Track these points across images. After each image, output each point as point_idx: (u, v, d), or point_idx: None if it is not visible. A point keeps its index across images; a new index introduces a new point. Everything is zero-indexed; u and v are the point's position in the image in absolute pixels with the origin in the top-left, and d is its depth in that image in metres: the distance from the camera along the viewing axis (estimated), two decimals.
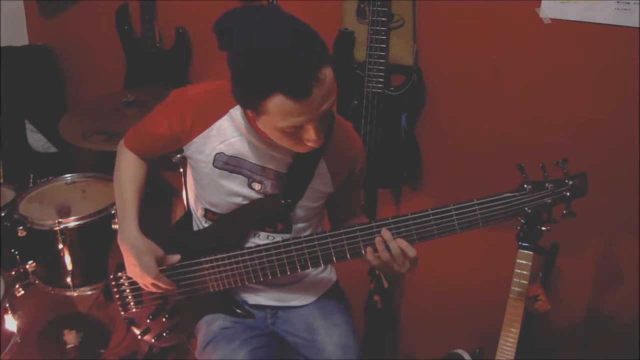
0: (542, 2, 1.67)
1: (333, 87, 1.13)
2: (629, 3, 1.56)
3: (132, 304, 1.54)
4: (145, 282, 1.40)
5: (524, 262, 1.44)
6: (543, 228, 1.30)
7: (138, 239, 1.39)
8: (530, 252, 1.42)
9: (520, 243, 1.42)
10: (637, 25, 1.57)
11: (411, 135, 1.94)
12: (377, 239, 1.25)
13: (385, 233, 1.24)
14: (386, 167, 1.96)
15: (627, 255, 1.82)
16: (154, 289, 1.42)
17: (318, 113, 1.12)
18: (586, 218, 1.81)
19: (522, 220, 1.36)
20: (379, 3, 1.76)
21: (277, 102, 1.08)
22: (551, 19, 1.68)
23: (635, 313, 1.83)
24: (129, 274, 1.44)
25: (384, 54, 1.82)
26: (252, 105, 1.14)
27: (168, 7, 2.33)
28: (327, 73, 1.10)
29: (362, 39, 1.85)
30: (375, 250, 1.26)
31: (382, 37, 1.80)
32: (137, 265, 1.38)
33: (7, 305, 1.90)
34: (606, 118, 1.71)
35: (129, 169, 1.47)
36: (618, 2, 1.57)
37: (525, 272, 1.45)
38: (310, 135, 1.16)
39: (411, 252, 1.24)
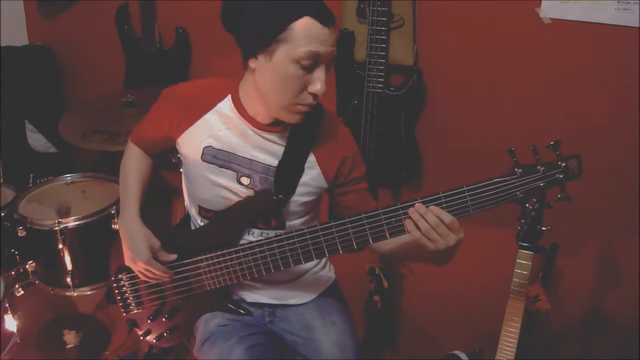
0: (542, 2, 1.67)
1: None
2: (629, 3, 1.56)
3: (133, 305, 1.54)
4: (139, 267, 1.42)
5: (524, 262, 1.44)
6: (543, 228, 1.29)
7: (136, 225, 1.42)
8: (530, 252, 1.42)
9: (520, 243, 1.42)
10: (637, 25, 1.57)
11: (411, 135, 1.94)
12: (411, 210, 1.19)
13: (419, 206, 1.18)
14: (386, 167, 1.96)
15: (627, 255, 1.82)
16: (148, 276, 1.42)
17: (332, 50, 1.20)
18: (586, 218, 1.82)
19: (522, 220, 1.35)
20: (379, 3, 1.76)
21: (305, 24, 1.15)
22: (551, 19, 1.68)
23: (635, 313, 1.83)
24: (126, 261, 1.46)
25: (384, 54, 1.82)
26: (277, 31, 1.16)
27: (168, 7, 2.33)
28: (335, 24, 1.21)
29: (362, 39, 1.85)
30: (415, 225, 1.19)
31: (382, 37, 1.80)
32: (131, 249, 1.40)
33: (7, 305, 1.90)
34: (606, 118, 1.71)
35: (133, 162, 1.52)
36: (618, 2, 1.57)
37: (525, 272, 1.45)
38: (319, 77, 1.19)
39: (446, 217, 1.17)
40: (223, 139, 1.35)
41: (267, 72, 1.22)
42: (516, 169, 1.18)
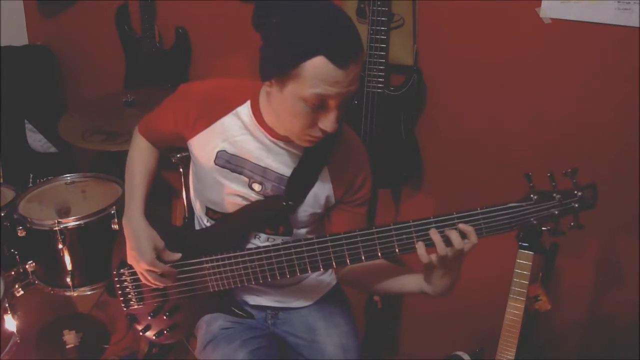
0: (542, 2, 1.67)
1: (359, 75, 1.16)
2: (629, 3, 1.56)
3: (133, 300, 1.54)
4: (141, 268, 1.40)
5: (524, 262, 1.44)
6: (543, 228, 1.29)
7: (140, 224, 1.40)
8: (531, 252, 1.43)
9: (520, 243, 1.42)
10: (637, 25, 1.58)
11: (411, 135, 1.94)
12: (433, 233, 1.15)
13: (449, 231, 1.14)
14: (386, 167, 1.96)
15: (627, 255, 1.82)
16: (150, 279, 1.41)
17: (346, 90, 1.13)
18: (586, 218, 1.81)
19: None
20: (379, 3, 1.76)
21: (317, 64, 1.09)
22: (551, 19, 1.68)
23: (635, 313, 1.83)
24: (129, 260, 1.44)
25: (384, 53, 1.82)
26: (289, 66, 1.11)
27: (168, 7, 2.33)
28: (361, 57, 1.14)
29: (362, 38, 1.85)
30: (428, 245, 1.16)
31: (382, 37, 1.80)
32: (135, 249, 1.38)
33: (7, 305, 1.90)
34: (606, 118, 1.71)
35: (140, 154, 1.50)
36: (618, 2, 1.57)
37: (525, 272, 1.45)
38: (329, 117, 1.16)
39: (474, 238, 1.14)
40: (238, 144, 1.33)
41: (278, 101, 1.19)
42: (532, 195, 1.15)
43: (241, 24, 1.22)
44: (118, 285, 1.54)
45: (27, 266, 2.05)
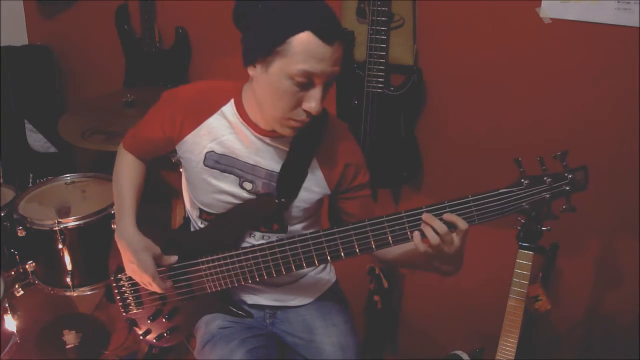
0: (542, 2, 1.67)
1: (341, 59, 1.18)
2: (629, 3, 1.56)
3: (132, 305, 1.54)
4: (144, 280, 1.41)
5: (524, 262, 1.44)
6: (543, 228, 1.29)
7: (135, 236, 1.40)
8: (531, 252, 1.42)
9: (520, 243, 1.42)
10: (637, 25, 1.58)
11: (411, 135, 1.94)
12: (423, 223, 1.17)
13: (427, 216, 1.17)
14: (386, 167, 1.96)
15: (627, 255, 1.82)
16: (153, 287, 1.42)
17: (331, 70, 1.16)
18: (586, 218, 1.82)
19: (522, 220, 1.35)
20: (379, 3, 1.76)
21: (304, 40, 1.11)
22: (551, 19, 1.68)
23: (635, 313, 1.83)
24: (127, 272, 1.45)
25: (384, 53, 1.82)
26: (276, 42, 1.13)
27: (168, 7, 2.33)
28: (344, 39, 1.17)
29: (362, 38, 1.85)
30: (424, 235, 1.18)
31: (382, 37, 1.80)
32: (135, 263, 1.38)
33: (7, 305, 1.90)
34: (606, 118, 1.71)
35: (127, 169, 1.50)
36: (618, 1, 1.57)
37: (525, 272, 1.45)
38: (314, 95, 1.17)
39: (462, 224, 1.15)
40: (226, 143, 1.34)
41: (263, 83, 1.20)
42: (522, 180, 1.16)
43: None
44: (116, 291, 1.55)
45: (27, 266, 2.05)
